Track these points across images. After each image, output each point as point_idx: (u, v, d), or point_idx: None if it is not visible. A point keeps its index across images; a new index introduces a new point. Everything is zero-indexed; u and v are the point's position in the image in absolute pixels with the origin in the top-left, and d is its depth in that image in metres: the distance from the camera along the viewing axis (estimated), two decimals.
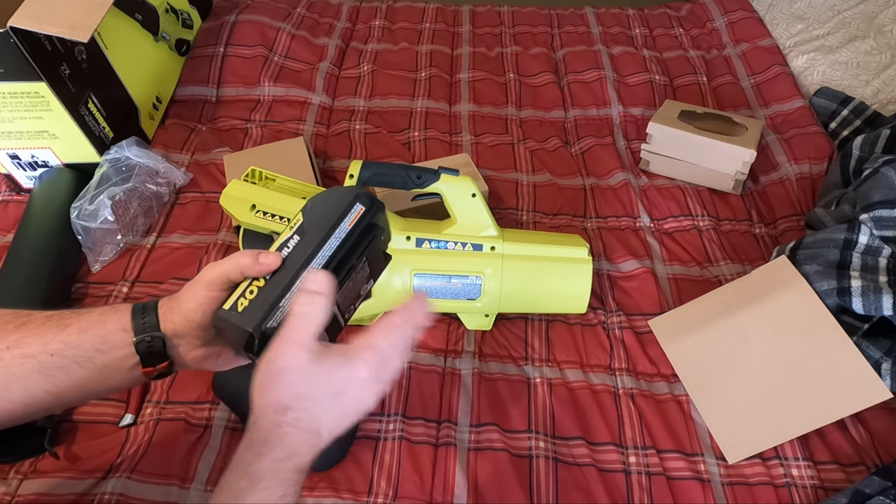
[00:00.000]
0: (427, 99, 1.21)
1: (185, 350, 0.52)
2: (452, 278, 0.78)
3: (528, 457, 0.72)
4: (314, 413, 0.43)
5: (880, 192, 0.82)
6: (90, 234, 0.90)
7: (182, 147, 1.09)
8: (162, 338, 0.50)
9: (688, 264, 0.94)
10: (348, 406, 0.44)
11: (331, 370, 0.43)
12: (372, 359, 0.44)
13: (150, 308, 0.51)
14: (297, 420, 0.43)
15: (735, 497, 0.70)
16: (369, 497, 0.68)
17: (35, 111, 0.91)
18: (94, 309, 0.51)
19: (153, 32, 1.15)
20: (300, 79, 1.22)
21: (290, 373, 0.43)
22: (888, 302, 0.72)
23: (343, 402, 0.44)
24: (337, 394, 0.44)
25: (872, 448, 0.73)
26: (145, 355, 0.50)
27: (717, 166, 1.02)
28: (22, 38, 0.83)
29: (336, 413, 0.44)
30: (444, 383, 0.79)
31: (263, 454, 0.42)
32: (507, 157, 1.10)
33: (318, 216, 0.51)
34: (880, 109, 1.10)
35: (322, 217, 0.51)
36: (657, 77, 1.26)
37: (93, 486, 0.67)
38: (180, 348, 0.51)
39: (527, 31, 1.41)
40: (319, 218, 0.51)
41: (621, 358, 0.82)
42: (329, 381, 0.43)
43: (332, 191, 0.54)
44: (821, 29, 1.26)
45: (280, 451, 0.42)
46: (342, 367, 0.44)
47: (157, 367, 0.51)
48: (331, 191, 0.54)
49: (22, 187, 1.03)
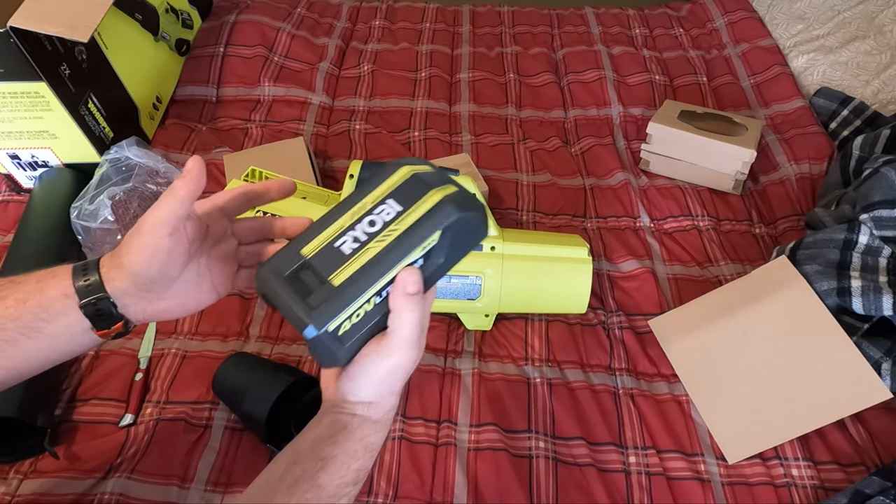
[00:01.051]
0: (427, 99, 1.21)
1: (139, 307, 0.47)
2: (452, 278, 0.78)
3: (528, 457, 0.72)
4: (396, 384, 0.48)
5: (880, 192, 0.82)
6: (90, 234, 0.90)
7: (182, 147, 1.09)
8: (109, 298, 0.46)
9: (688, 264, 0.94)
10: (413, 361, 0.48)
11: (414, 362, 0.47)
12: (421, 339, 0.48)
13: (91, 267, 0.47)
14: (388, 391, 0.48)
15: (735, 497, 0.70)
16: (369, 497, 0.68)
17: (35, 111, 0.91)
18: (30, 275, 0.48)
19: (153, 32, 1.15)
20: (300, 79, 1.22)
21: (403, 371, 0.47)
22: (888, 302, 0.72)
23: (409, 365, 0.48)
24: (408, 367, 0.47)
25: (872, 448, 0.73)
26: (95, 318, 0.46)
27: (717, 166, 1.02)
28: (22, 38, 0.83)
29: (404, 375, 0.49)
30: (444, 383, 0.79)
31: (379, 431, 0.48)
32: (507, 157, 1.10)
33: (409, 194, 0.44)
34: (880, 109, 1.10)
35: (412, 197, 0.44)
36: (657, 77, 1.26)
37: (93, 486, 0.67)
38: (130, 307, 0.47)
39: (527, 31, 1.41)
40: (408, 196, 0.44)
41: (621, 358, 0.82)
42: (409, 357, 0.47)
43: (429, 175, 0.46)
44: (821, 29, 1.25)
45: (386, 430, 0.49)
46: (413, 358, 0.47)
47: (111, 329, 0.47)
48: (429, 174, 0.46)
49: (22, 187, 1.03)
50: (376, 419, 0.48)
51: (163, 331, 0.83)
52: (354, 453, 0.46)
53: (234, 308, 0.85)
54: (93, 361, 0.80)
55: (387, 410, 0.48)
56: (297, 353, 0.81)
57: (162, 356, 0.80)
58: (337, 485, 0.45)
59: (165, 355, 0.80)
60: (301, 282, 0.42)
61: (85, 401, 0.75)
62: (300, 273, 0.42)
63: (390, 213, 0.43)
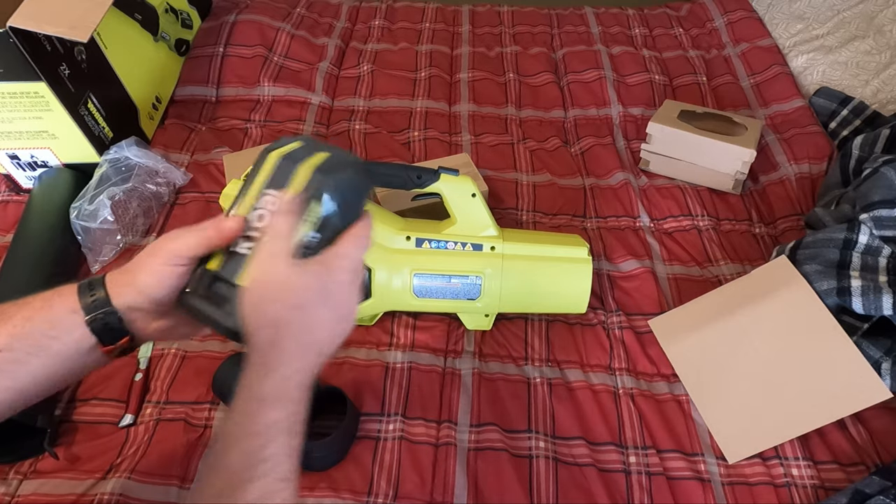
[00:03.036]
0: (427, 99, 1.21)
1: (143, 324, 0.49)
2: (452, 278, 0.78)
3: (529, 457, 0.72)
4: (307, 322, 0.44)
5: (880, 191, 0.82)
6: (90, 234, 0.90)
7: (182, 147, 1.09)
8: (116, 313, 0.47)
9: (688, 264, 0.94)
10: (337, 311, 0.46)
11: (313, 277, 0.44)
12: (347, 264, 0.46)
13: (96, 283, 0.48)
14: (292, 333, 0.43)
15: (735, 497, 0.70)
16: (369, 497, 0.68)
17: (35, 111, 0.91)
18: (36, 296, 0.48)
19: (153, 32, 1.15)
20: (300, 79, 1.22)
21: (276, 285, 0.43)
22: (888, 301, 0.72)
23: (330, 308, 0.45)
24: (324, 299, 0.45)
25: (872, 448, 0.73)
26: (102, 333, 0.47)
27: (716, 166, 1.02)
28: (21, 38, 0.83)
29: (327, 320, 0.45)
30: (444, 383, 0.79)
31: (267, 375, 0.43)
32: (506, 157, 1.10)
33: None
34: (880, 109, 1.10)
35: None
36: (657, 77, 1.26)
37: (93, 487, 0.67)
38: (137, 322, 0.48)
39: (526, 31, 1.41)
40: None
41: (621, 358, 0.82)
42: (314, 288, 0.44)
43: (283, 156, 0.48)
44: (820, 29, 1.26)
45: (283, 369, 0.43)
46: (324, 274, 0.45)
47: (117, 344, 0.48)
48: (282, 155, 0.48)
49: (21, 187, 1.02)
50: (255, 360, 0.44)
51: None
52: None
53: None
54: None
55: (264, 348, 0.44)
56: None
57: (162, 356, 0.80)
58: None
59: (165, 355, 0.80)
60: (216, 294, 0.45)
61: (85, 401, 0.75)
62: (213, 287, 0.45)
63: (273, 201, 0.45)
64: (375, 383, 0.77)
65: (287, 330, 0.44)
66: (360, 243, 0.48)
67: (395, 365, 0.80)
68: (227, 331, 0.44)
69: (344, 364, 0.79)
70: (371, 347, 0.82)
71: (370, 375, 0.78)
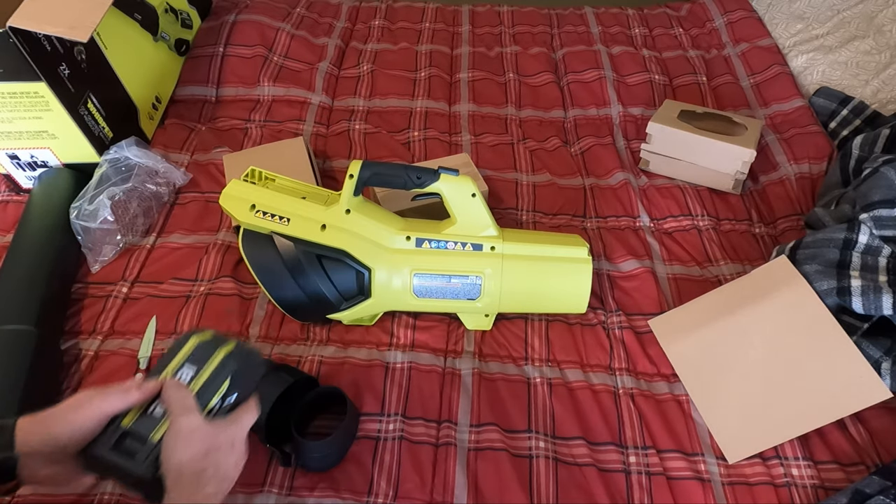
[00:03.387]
0: (427, 99, 1.21)
1: (33, 470, 0.52)
2: (452, 278, 0.78)
3: (529, 457, 0.72)
4: (222, 463, 0.53)
5: (880, 191, 0.82)
6: (90, 235, 0.90)
7: (182, 147, 1.09)
8: (15, 458, 0.51)
9: (688, 264, 0.94)
10: (240, 453, 0.55)
11: (223, 427, 0.54)
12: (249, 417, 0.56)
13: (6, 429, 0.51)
14: (213, 471, 0.52)
15: (735, 497, 0.70)
16: (369, 497, 0.68)
17: (34, 111, 0.91)
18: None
19: (152, 32, 1.15)
20: (300, 79, 1.22)
21: (196, 433, 0.52)
22: (888, 301, 0.72)
23: (236, 451, 0.54)
24: (232, 444, 0.54)
25: (872, 448, 0.73)
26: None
27: (716, 166, 1.02)
28: (21, 38, 0.83)
29: (234, 460, 0.54)
30: (444, 383, 0.79)
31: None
32: (506, 157, 1.10)
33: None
34: (880, 109, 1.10)
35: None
36: (657, 77, 1.26)
37: (92, 487, 0.67)
38: (27, 469, 0.52)
39: (526, 31, 1.41)
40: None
41: (621, 358, 0.82)
42: (225, 435, 0.53)
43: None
44: (820, 29, 1.26)
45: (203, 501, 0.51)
46: (231, 424, 0.55)
47: (6, 484, 0.53)
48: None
49: (21, 187, 1.02)
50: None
51: (163, 331, 0.83)
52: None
53: (234, 308, 0.85)
54: (92, 362, 0.79)
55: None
56: (297, 354, 0.81)
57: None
58: None
59: None
60: (128, 448, 0.51)
61: None
62: (122, 441, 0.51)
63: (189, 375, 0.55)
64: (375, 383, 0.78)
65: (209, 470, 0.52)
66: (252, 414, 0.57)
67: (395, 365, 0.80)
68: (136, 480, 0.50)
69: (344, 364, 0.79)
70: (371, 347, 0.82)
71: (370, 375, 0.78)
